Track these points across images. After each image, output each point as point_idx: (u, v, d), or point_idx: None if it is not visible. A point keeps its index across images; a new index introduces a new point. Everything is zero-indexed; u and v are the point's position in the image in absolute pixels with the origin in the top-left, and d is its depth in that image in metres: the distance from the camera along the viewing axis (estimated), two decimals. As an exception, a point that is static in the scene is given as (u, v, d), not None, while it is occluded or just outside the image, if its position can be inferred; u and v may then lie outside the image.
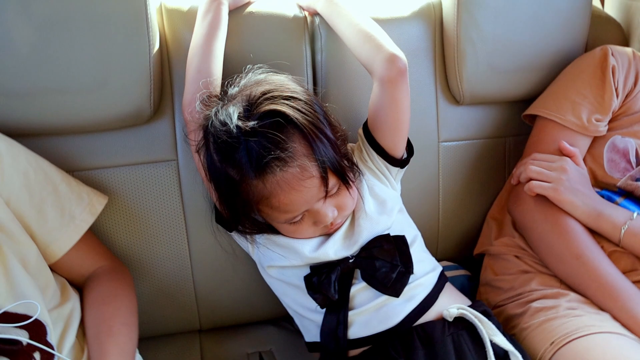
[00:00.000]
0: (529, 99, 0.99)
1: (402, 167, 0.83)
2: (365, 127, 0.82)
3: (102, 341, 0.70)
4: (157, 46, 0.82)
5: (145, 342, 0.81)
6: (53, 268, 0.75)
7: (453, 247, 1.05)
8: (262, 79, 0.74)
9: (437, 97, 0.98)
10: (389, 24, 0.94)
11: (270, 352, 0.92)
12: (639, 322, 0.76)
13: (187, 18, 0.87)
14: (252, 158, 0.68)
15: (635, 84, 0.90)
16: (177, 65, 0.86)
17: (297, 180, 0.68)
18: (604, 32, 1.04)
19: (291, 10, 0.90)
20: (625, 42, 1.07)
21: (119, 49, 0.78)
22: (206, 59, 0.80)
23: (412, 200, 0.97)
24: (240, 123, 0.68)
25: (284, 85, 0.73)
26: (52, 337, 0.65)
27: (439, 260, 1.03)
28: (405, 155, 0.83)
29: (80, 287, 0.79)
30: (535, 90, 0.99)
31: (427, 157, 0.99)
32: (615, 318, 0.78)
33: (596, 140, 0.90)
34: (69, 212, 0.76)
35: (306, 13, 0.92)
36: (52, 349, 0.65)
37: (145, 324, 0.82)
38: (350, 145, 0.86)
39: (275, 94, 0.71)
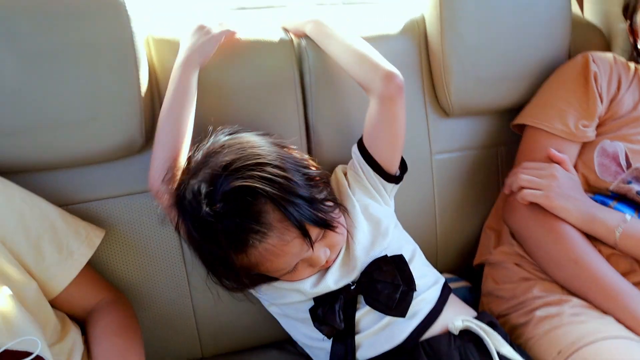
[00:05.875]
0: (517, 108, 1.00)
1: (396, 183, 0.84)
2: (361, 143, 0.83)
3: None
4: (146, 76, 0.82)
5: (147, 373, 0.80)
6: (53, 303, 0.75)
7: (452, 259, 1.05)
8: (223, 145, 0.72)
9: (426, 110, 0.99)
10: (374, 42, 0.94)
11: (274, 376, 0.91)
12: None
13: (174, 48, 0.86)
14: (230, 238, 0.69)
15: (618, 88, 0.91)
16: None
17: (278, 248, 0.69)
18: (585, 38, 1.06)
19: (277, 34, 0.91)
20: (607, 47, 1.09)
21: (107, 81, 0.78)
22: (172, 132, 0.77)
23: (408, 214, 0.97)
24: (209, 209, 0.68)
25: (247, 149, 0.71)
26: None
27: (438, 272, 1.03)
28: (398, 172, 0.84)
29: (81, 320, 0.78)
30: (522, 99, 1.00)
31: (421, 170, 1.00)
32: (618, 319, 0.78)
33: (586, 146, 0.91)
34: (66, 248, 0.75)
35: (292, 35, 0.93)
36: None
37: (146, 354, 0.80)
38: (341, 166, 0.86)
39: (239, 164, 0.69)
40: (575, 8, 1.15)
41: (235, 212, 0.67)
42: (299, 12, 0.92)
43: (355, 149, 0.84)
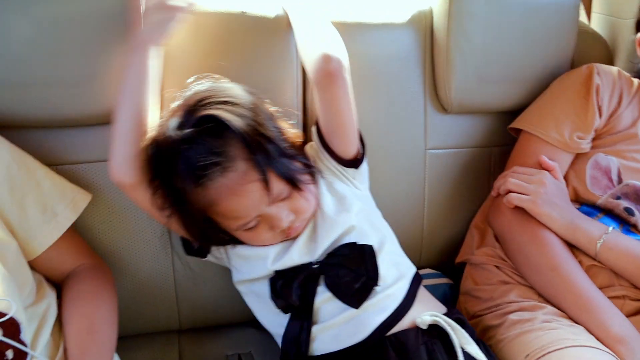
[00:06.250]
0: (515, 110, 1.00)
1: (356, 167, 0.81)
2: (318, 127, 0.81)
3: (82, 340, 0.69)
4: (146, 42, 0.81)
5: (123, 341, 0.80)
6: (32, 265, 0.74)
7: (436, 255, 1.06)
8: (200, 89, 0.73)
9: (425, 104, 0.99)
10: (380, 30, 0.95)
11: (250, 354, 0.92)
12: (611, 335, 0.77)
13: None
14: (190, 167, 0.68)
15: (619, 103, 0.91)
16: (166, 60, 0.85)
17: (237, 185, 0.68)
18: (590, 47, 1.06)
19: (275, 14, 0.89)
20: (611, 58, 1.09)
21: (107, 44, 0.77)
22: (130, 119, 0.74)
23: (397, 206, 0.98)
24: (174, 133, 0.68)
25: (223, 91, 0.72)
26: (25, 335, 0.64)
27: (421, 267, 1.04)
28: (361, 153, 0.82)
29: (58, 283, 0.78)
30: (521, 102, 1.00)
31: (413, 164, 1.00)
32: (589, 330, 0.79)
33: (579, 157, 0.91)
34: (51, 209, 0.75)
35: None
36: (26, 347, 0.63)
37: (123, 322, 0.80)
38: (312, 143, 0.84)
39: (211, 100, 0.70)
40: (582, 17, 1.15)
41: (200, 139, 0.67)
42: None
43: (314, 131, 0.82)
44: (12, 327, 0.62)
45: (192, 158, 0.67)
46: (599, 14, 1.16)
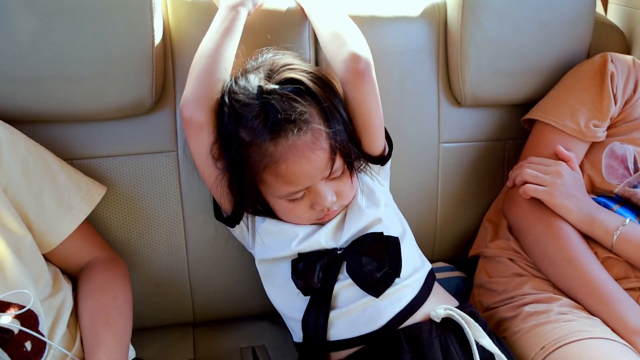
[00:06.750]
0: (529, 103, 0.99)
1: (382, 164, 0.83)
2: None
3: (98, 330, 0.70)
4: (160, 36, 0.82)
5: (137, 333, 0.81)
6: (48, 257, 0.75)
7: (449, 248, 1.06)
8: (282, 56, 0.77)
9: (439, 97, 0.99)
10: (393, 23, 0.94)
11: (264, 347, 0.92)
12: (628, 327, 0.77)
13: (191, 9, 0.86)
14: (269, 118, 0.69)
15: (634, 91, 0.90)
16: (181, 56, 0.86)
17: (308, 149, 0.69)
18: (606, 38, 1.05)
19: (290, 4, 0.90)
20: (628, 50, 1.07)
21: (121, 38, 0.78)
22: (215, 62, 0.76)
23: (410, 199, 0.98)
24: (262, 83, 0.70)
25: (304, 63, 0.76)
26: (43, 327, 0.65)
27: (434, 260, 1.04)
28: (387, 151, 0.83)
29: (74, 276, 0.79)
30: (536, 95, 0.99)
31: (427, 157, 0.99)
32: (605, 323, 0.78)
33: (595, 146, 0.91)
34: (67, 202, 0.76)
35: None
36: (44, 337, 0.64)
37: (138, 315, 0.81)
38: None
39: (297, 67, 0.73)
40: (599, 8, 1.14)
41: (285, 95, 0.69)
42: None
43: None
44: (30, 319, 0.64)
45: (272, 111, 0.69)
46: (616, 4, 1.14)
